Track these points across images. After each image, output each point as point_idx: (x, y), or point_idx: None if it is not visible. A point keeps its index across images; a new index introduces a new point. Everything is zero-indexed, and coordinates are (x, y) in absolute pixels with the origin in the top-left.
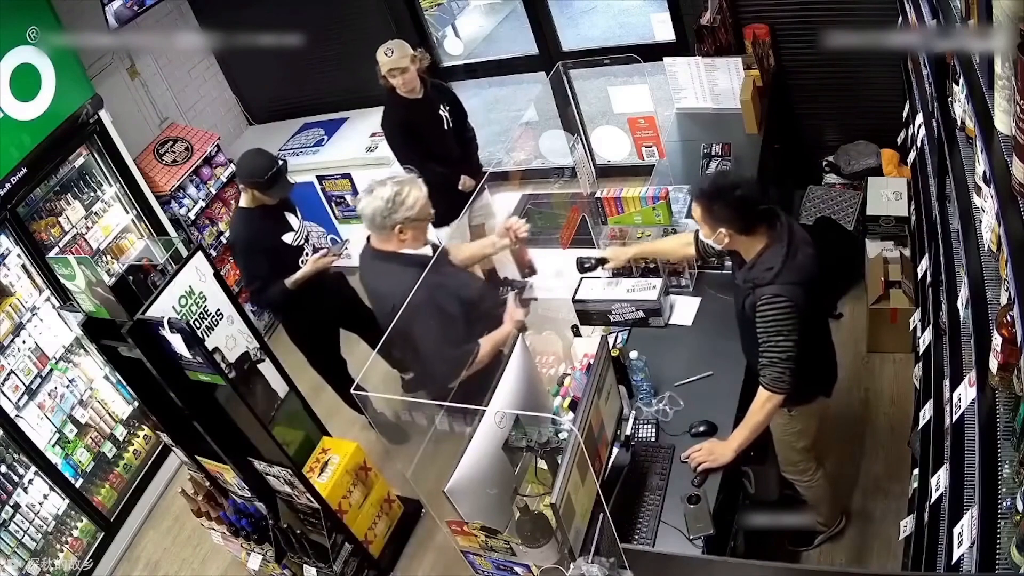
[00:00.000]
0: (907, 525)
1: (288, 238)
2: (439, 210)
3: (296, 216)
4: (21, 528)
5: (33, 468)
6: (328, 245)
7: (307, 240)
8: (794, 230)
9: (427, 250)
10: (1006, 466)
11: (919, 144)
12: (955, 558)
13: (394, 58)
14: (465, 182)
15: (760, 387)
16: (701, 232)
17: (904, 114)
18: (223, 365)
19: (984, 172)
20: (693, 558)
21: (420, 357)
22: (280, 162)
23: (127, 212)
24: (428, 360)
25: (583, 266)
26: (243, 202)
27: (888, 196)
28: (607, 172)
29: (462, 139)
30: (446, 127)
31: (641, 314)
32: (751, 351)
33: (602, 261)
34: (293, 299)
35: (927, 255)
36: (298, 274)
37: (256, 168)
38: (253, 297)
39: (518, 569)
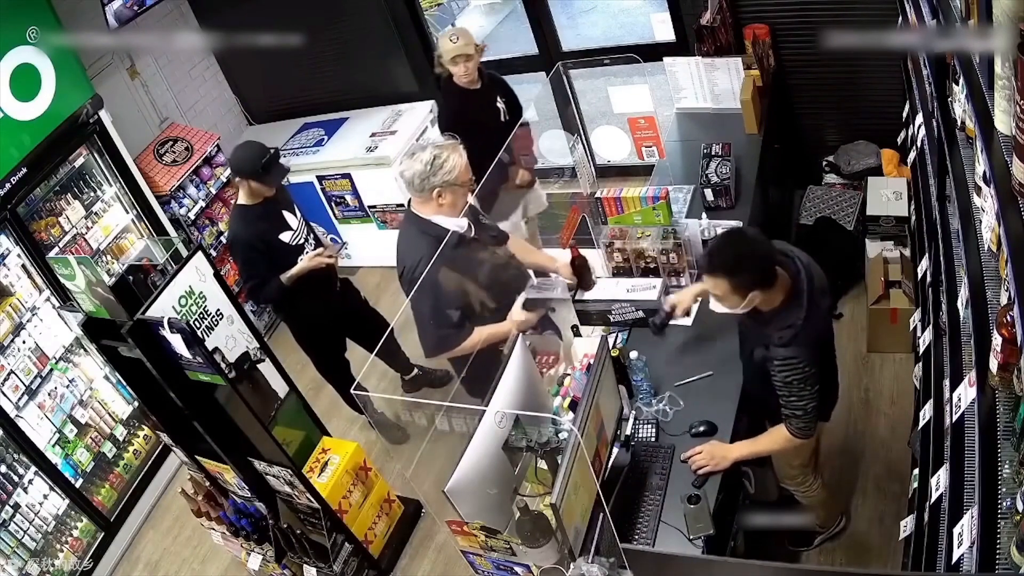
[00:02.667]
0: (907, 525)
1: (286, 237)
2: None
3: (295, 215)
4: (21, 528)
5: (33, 468)
6: (327, 244)
7: (307, 239)
8: (813, 279)
9: (462, 222)
10: (1006, 466)
11: (919, 144)
12: (955, 558)
13: (460, 44)
14: (523, 176)
15: (785, 430)
16: (724, 305)
17: (904, 114)
18: (223, 365)
19: (984, 172)
20: (693, 558)
21: (419, 322)
22: (271, 150)
23: (127, 212)
24: (418, 330)
25: (658, 324)
26: (241, 199)
27: (888, 196)
28: (607, 172)
29: None
30: (503, 119)
31: (641, 314)
32: (755, 385)
33: (670, 314)
34: (290, 296)
35: (927, 255)
36: (293, 270)
37: (249, 158)
38: (250, 294)
39: (518, 569)
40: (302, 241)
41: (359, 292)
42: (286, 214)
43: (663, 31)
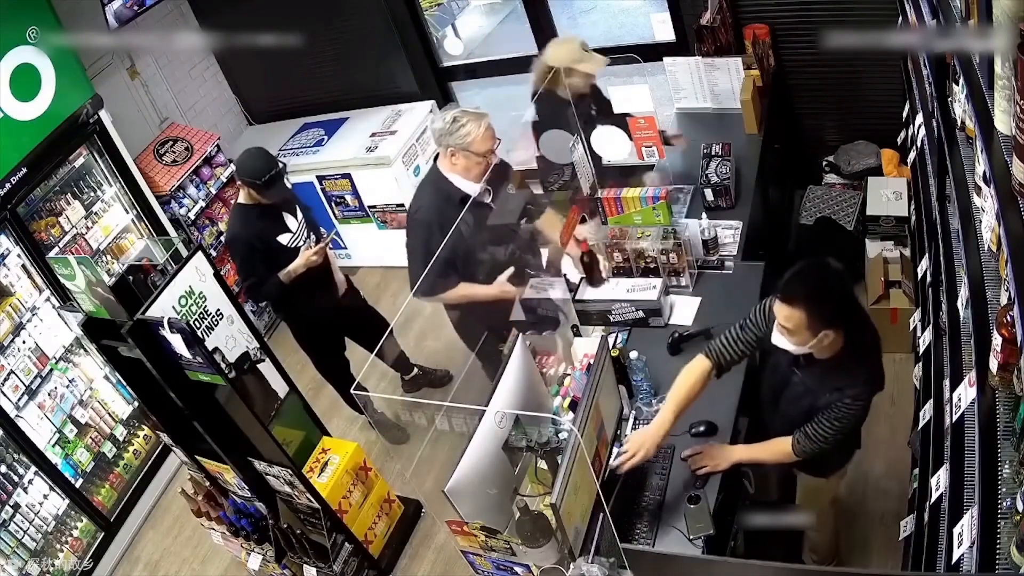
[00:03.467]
0: (907, 525)
1: (284, 239)
2: None
3: (296, 218)
4: (21, 528)
5: (33, 468)
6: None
7: (307, 242)
8: (868, 317)
9: (476, 187)
10: (1006, 466)
11: (919, 144)
12: (955, 558)
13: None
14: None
15: (790, 446)
16: (791, 340)
17: (904, 114)
18: (223, 365)
19: (984, 172)
20: (693, 558)
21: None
22: (280, 164)
23: (127, 212)
24: (409, 269)
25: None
26: (241, 198)
27: (888, 196)
28: (607, 172)
29: None
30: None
31: (641, 314)
32: (780, 420)
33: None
34: (289, 295)
35: (927, 255)
36: (290, 267)
37: (254, 169)
38: (248, 292)
39: (518, 569)
40: (301, 243)
41: (358, 292)
42: (286, 216)
43: (663, 31)
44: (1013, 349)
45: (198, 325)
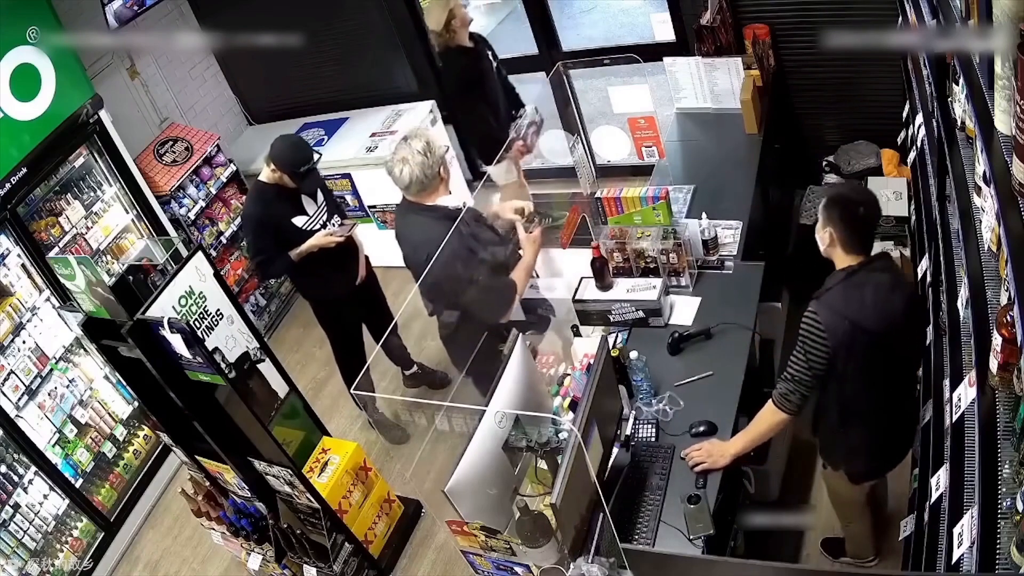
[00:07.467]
0: (907, 525)
1: (299, 221)
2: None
3: (315, 201)
4: (21, 528)
5: (33, 468)
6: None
7: (324, 226)
8: (883, 270)
9: (455, 200)
10: (1006, 466)
11: (919, 144)
12: (955, 558)
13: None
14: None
15: (771, 402)
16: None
17: (904, 114)
18: (223, 365)
19: (984, 172)
20: (693, 558)
21: (472, 297)
22: (318, 157)
23: (127, 212)
24: (485, 295)
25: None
26: (263, 176)
27: (888, 196)
28: (607, 172)
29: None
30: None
31: (641, 314)
32: None
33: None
34: (306, 272)
35: (927, 255)
36: (302, 247)
37: (294, 159)
38: (258, 269)
39: (518, 569)
40: (318, 227)
41: (377, 279)
42: (305, 199)
43: (663, 31)
44: (1013, 349)
45: (198, 325)
